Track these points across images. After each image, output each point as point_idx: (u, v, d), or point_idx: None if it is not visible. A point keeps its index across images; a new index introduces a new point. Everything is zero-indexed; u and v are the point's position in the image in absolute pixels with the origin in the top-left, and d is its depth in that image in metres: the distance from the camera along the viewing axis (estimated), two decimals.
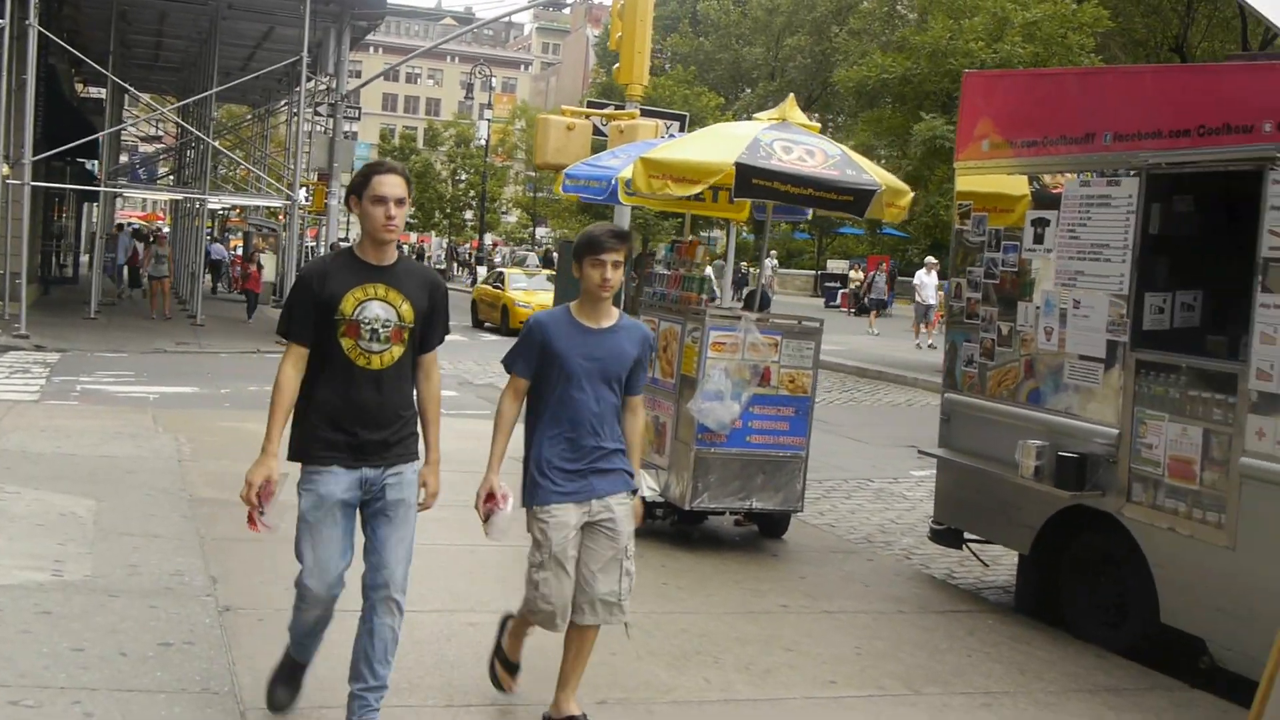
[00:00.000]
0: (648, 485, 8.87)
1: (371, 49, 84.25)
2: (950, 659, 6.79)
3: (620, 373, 5.19)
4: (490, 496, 5.13)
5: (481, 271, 57.51)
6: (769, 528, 9.39)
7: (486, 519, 5.15)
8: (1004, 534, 8.11)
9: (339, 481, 4.79)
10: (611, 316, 5.23)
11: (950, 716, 5.93)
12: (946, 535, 8.60)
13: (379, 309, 4.76)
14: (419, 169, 63.31)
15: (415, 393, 5.00)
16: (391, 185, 4.74)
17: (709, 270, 10.04)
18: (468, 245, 67.86)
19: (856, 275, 47.73)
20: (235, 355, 22.36)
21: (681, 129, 15.98)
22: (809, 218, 14.96)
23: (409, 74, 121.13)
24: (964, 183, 8.40)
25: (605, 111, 15.60)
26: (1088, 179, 7.26)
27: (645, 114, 14.97)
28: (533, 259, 50.44)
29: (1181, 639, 6.72)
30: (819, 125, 10.14)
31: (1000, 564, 9.11)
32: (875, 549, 9.82)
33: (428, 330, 4.95)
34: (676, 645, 6.59)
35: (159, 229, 48.04)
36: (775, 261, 48.36)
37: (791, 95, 9.81)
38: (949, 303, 8.56)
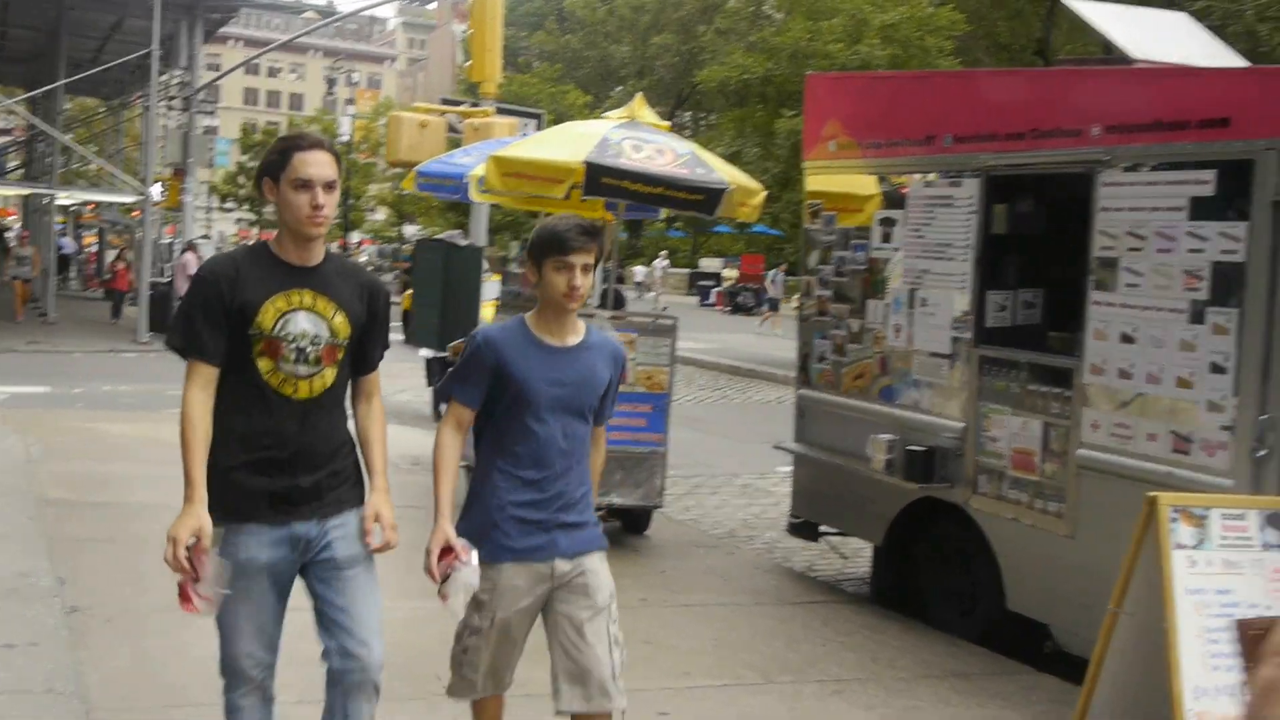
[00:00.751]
0: None
1: (230, 41, 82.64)
2: (805, 648, 6.95)
3: (592, 401, 4.23)
4: (447, 551, 4.01)
5: None
6: (631, 523, 9.49)
7: (444, 579, 4.00)
8: (858, 526, 8.32)
9: (262, 541, 3.80)
10: (578, 331, 4.26)
11: (802, 704, 6.08)
12: (804, 528, 8.79)
13: (306, 322, 3.81)
14: None
15: (351, 421, 4.07)
16: (318, 164, 3.76)
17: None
18: (334, 244, 66.99)
19: (730, 274, 48.20)
20: (90, 354, 21.87)
21: (538, 127, 16.01)
22: (661, 217, 15.12)
23: (270, 68, 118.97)
24: (813, 182, 8.58)
25: (460, 109, 15.55)
26: (931, 180, 7.49)
27: (501, 112, 14.96)
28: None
29: (1028, 625, 6.97)
30: (676, 125, 10.27)
31: (860, 556, 9.34)
32: (738, 543, 9.97)
33: (366, 345, 4.00)
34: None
35: (19, 228, 46.51)
36: (666, 262, 48.55)
37: (640, 95, 9.91)
38: (801, 300, 8.75)
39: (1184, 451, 5.94)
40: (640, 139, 8.69)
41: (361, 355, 4.01)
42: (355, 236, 67.49)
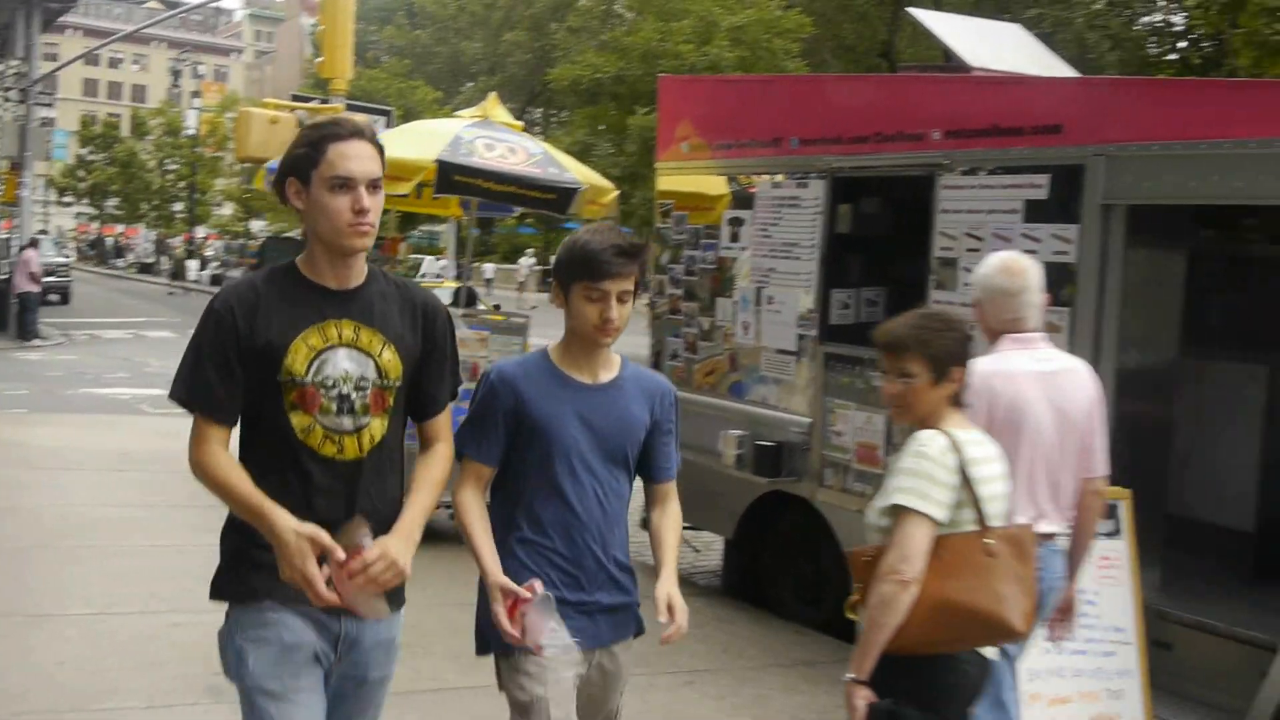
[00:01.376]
0: None
1: (69, 31, 79.98)
2: (657, 641, 7.05)
3: (629, 449, 3.54)
4: (509, 595, 3.32)
5: (193, 266, 55.51)
6: None
7: (523, 628, 3.29)
8: (710, 520, 8.46)
9: (305, 627, 3.07)
10: (611, 366, 3.57)
11: (655, 695, 6.18)
12: None
13: (347, 362, 3.05)
14: (123, 158, 60.50)
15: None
16: (360, 158, 3.02)
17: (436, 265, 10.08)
18: (179, 238, 65.31)
19: None
20: None
21: (389, 124, 15.90)
22: (514, 215, 15.14)
23: (112, 58, 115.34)
24: (665, 182, 8.70)
25: (310, 105, 15.32)
26: (779, 181, 7.66)
27: (351, 108, 14.77)
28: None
29: None
30: (528, 123, 10.32)
31: (712, 550, 9.49)
32: None
33: (426, 383, 3.23)
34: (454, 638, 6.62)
35: None
36: (533, 260, 48.33)
37: (493, 94, 9.96)
38: (652, 299, 8.86)
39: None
40: (493, 138, 8.72)
41: (421, 397, 3.23)
42: (201, 231, 65.88)
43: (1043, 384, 4.37)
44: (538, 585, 3.30)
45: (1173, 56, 23.91)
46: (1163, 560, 6.14)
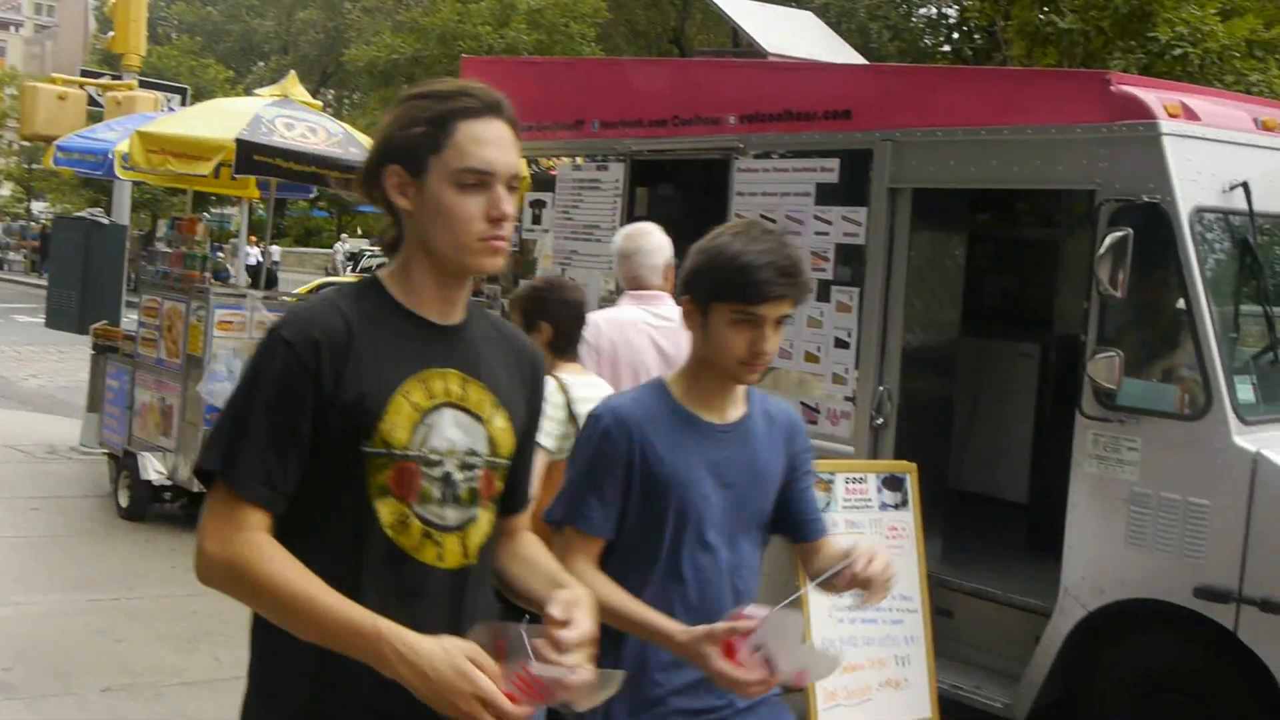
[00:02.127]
0: (154, 469, 8.63)
1: None
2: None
3: (766, 506, 2.79)
4: (723, 637, 2.43)
5: None
6: None
7: (767, 664, 2.41)
8: None
9: None
10: (738, 400, 2.79)
11: None
12: None
13: (455, 429, 2.20)
14: None
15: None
16: (501, 144, 2.19)
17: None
18: None
19: (376, 253, 47.50)
20: None
21: (183, 102, 15.44)
22: (313, 195, 14.90)
23: None
24: None
25: (101, 82, 14.78)
26: (579, 163, 7.73)
27: (144, 85, 14.30)
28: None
29: None
30: (321, 104, 10.17)
31: None
32: None
33: (520, 466, 2.39)
34: (187, 628, 6.49)
35: None
36: (348, 245, 47.05)
37: (293, 72, 9.80)
38: None
39: (812, 421, 6.38)
40: (293, 117, 8.59)
41: (515, 484, 2.38)
42: None
43: (654, 333, 4.80)
44: (751, 609, 2.46)
45: (947, 48, 24.91)
46: (944, 531, 6.42)
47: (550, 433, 3.96)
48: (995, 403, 7.56)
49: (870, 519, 5.67)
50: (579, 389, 4.13)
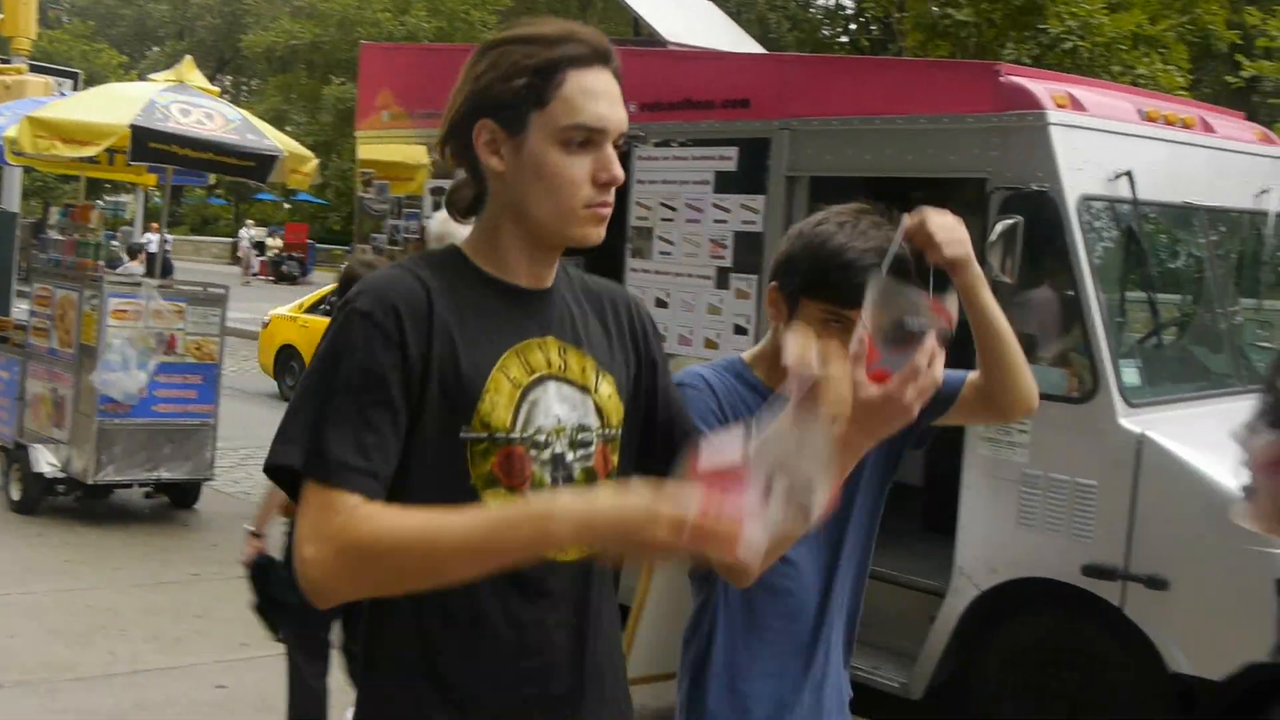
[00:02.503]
0: (47, 461, 8.47)
1: None
2: None
3: (852, 510, 2.48)
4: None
5: None
6: (180, 497, 9.21)
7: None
8: None
9: None
10: None
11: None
12: None
13: (561, 404, 1.93)
14: None
15: None
16: (612, 98, 1.89)
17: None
18: None
19: (275, 242, 46.89)
20: None
21: (75, 87, 15.11)
22: (210, 182, 14.69)
23: None
24: (366, 151, 8.61)
25: None
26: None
27: (34, 70, 13.98)
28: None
29: None
30: (219, 89, 10.02)
31: None
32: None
33: (666, 411, 2.11)
34: (81, 622, 6.38)
35: None
36: (254, 232, 46.21)
37: (189, 57, 9.65)
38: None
39: None
40: (189, 103, 8.46)
41: (673, 435, 2.08)
42: None
43: None
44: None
45: (845, 39, 25.27)
46: None
47: None
48: None
49: None
50: None
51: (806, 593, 2.45)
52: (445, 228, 5.28)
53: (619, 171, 1.88)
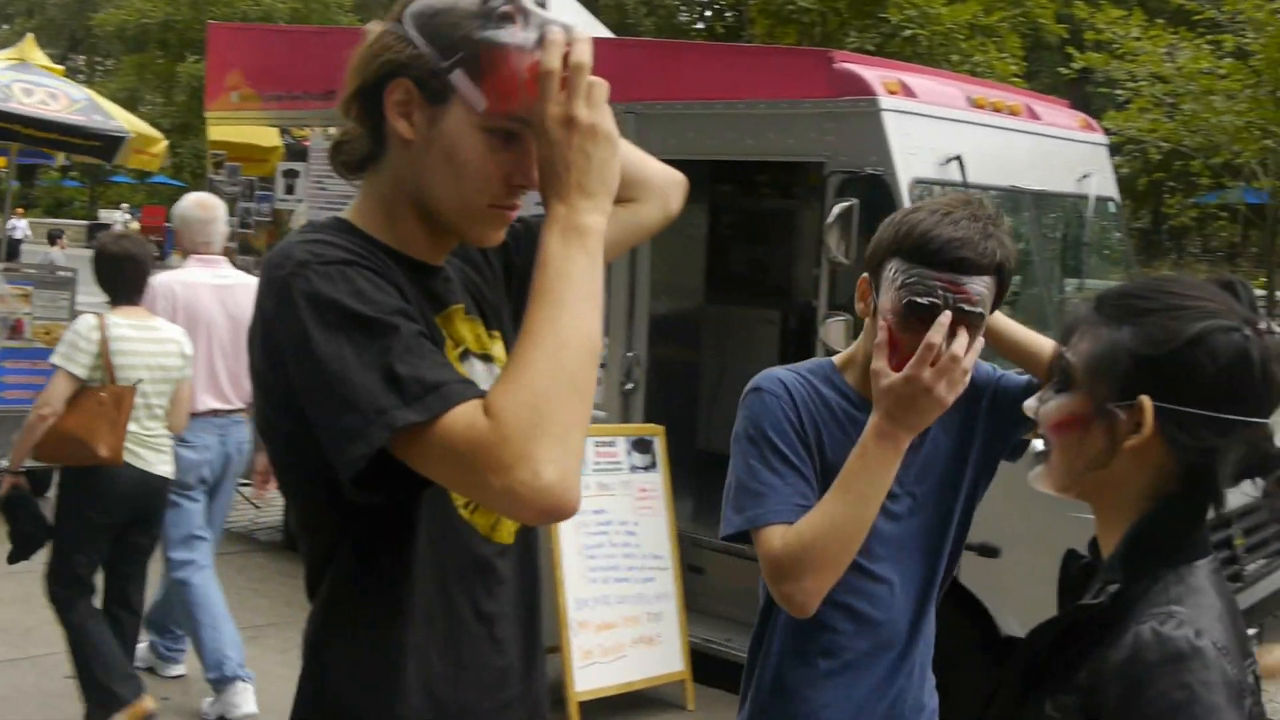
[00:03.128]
0: None
1: None
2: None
3: (950, 527, 2.40)
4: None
5: None
6: (34, 485, 9.00)
7: None
8: None
9: None
10: None
11: None
12: None
13: (484, 379, 1.78)
14: None
15: None
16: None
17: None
18: None
19: (134, 225, 45.69)
20: None
21: None
22: (56, 164, 14.34)
23: None
24: (216, 132, 8.51)
25: None
26: (331, 133, 7.66)
27: None
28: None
29: None
30: (67, 70, 9.82)
31: (273, 505, 9.41)
32: None
33: None
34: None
35: None
36: (128, 216, 44.63)
37: (30, 35, 9.42)
38: None
39: None
40: (32, 82, 8.29)
41: None
42: None
43: (219, 294, 5.49)
44: None
45: (701, 25, 25.56)
46: (695, 491, 6.67)
47: (82, 363, 4.77)
48: (740, 367, 7.84)
49: (621, 481, 5.85)
50: (122, 329, 4.87)
51: (897, 618, 2.32)
52: (207, 213, 5.60)
53: (535, 175, 1.67)
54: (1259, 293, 19.55)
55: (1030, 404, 1.68)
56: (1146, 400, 1.53)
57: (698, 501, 6.69)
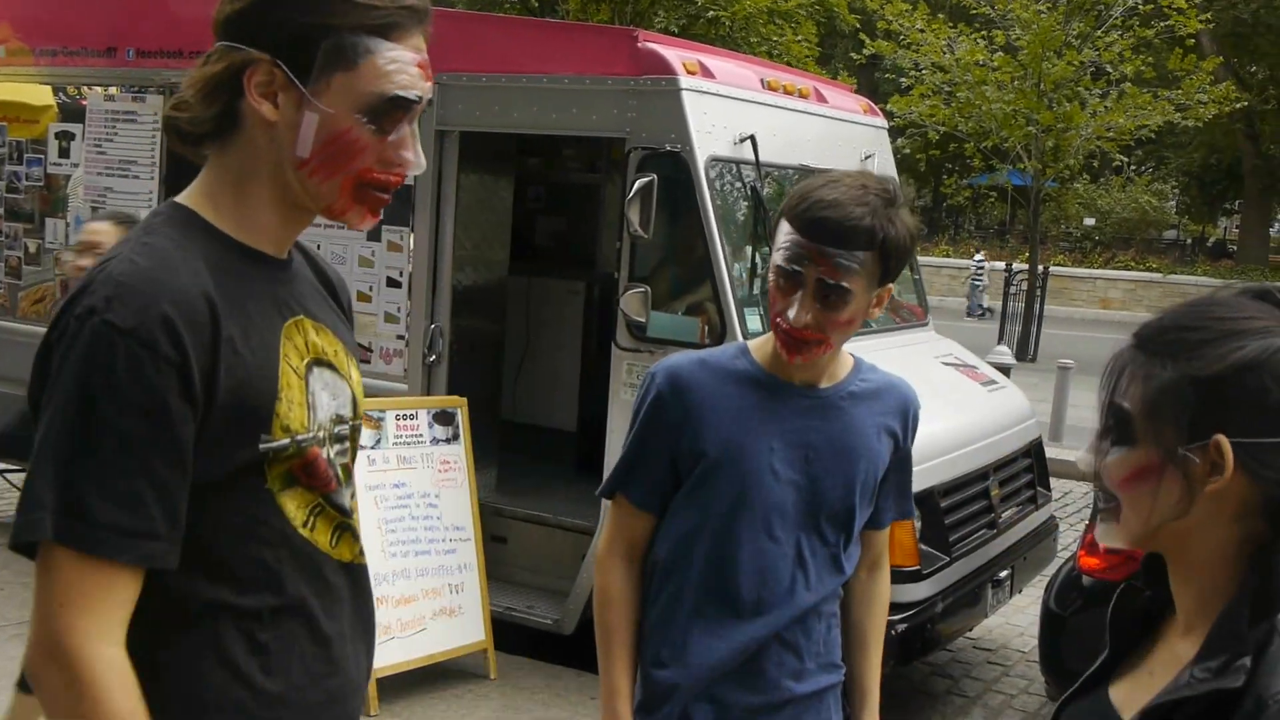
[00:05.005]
0: None
1: None
2: None
3: (852, 500, 2.40)
4: None
5: None
6: None
7: None
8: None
9: None
10: (841, 366, 2.44)
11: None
12: None
13: (323, 389, 1.73)
14: None
15: None
16: (425, 66, 1.75)
17: None
18: None
19: None
20: None
21: None
22: None
23: None
24: None
25: None
26: (113, 94, 7.37)
27: None
28: None
29: None
30: None
31: None
32: None
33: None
34: None
35: None
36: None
37: None
38: None
39: (366, 361, 6.45)
40: None
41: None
42: None
43: None
44: None
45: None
46: (499, 462, 6.70)
47: None
48: (546, 338, 7.90)
49: (422, 454, 5.82)
50: None
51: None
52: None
53: (411, 156, 1.69)
54: (1022, 268, 20.63)
55: (1084, 458, 1.52)
56: (1223, 439, 1.38)
57: (503, 471, 6.72)
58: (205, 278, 1.57)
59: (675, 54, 5.76)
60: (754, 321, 5.62)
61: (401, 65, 1.65)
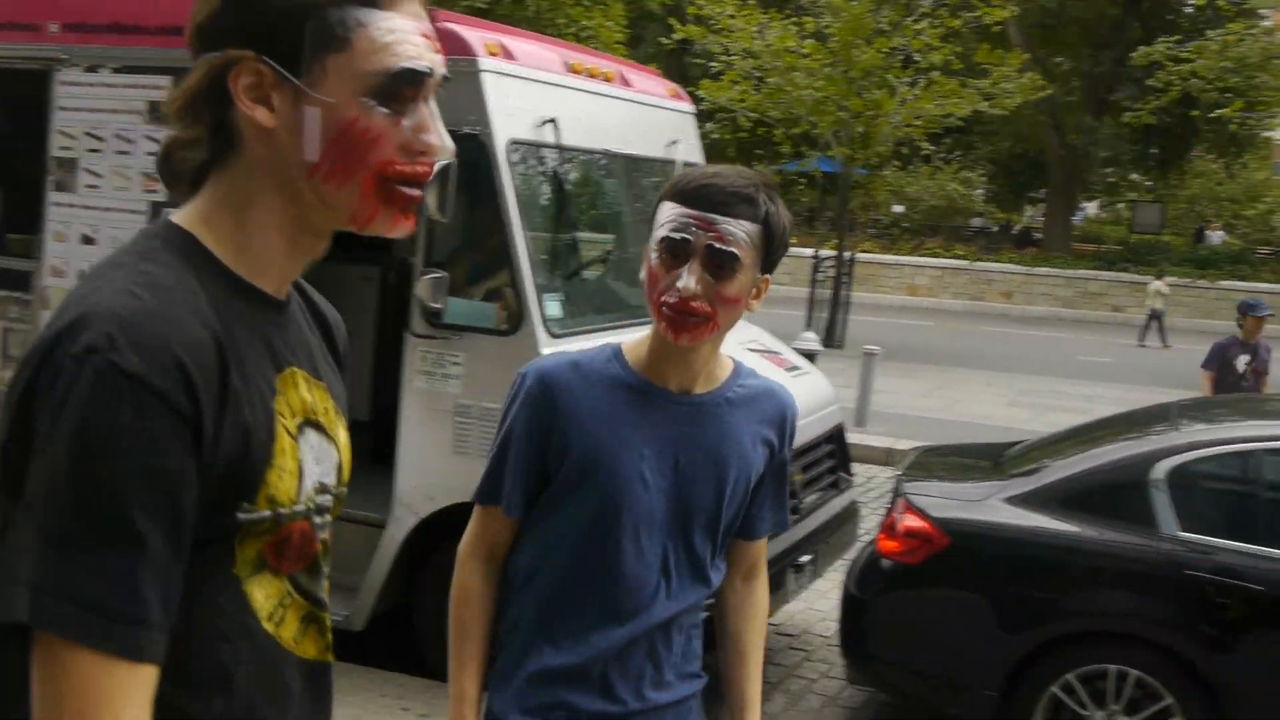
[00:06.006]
0: None
1: None
2: None
3: (720, 505, 2.32)
4: None
5: None
6: None
7: None
8: None
9: None
10: (720, 368, 2.36)
11: None
12: None
13: (310, 453, 1.48)
14: None
15: None
16: (431, 40, 1.48)
17: None
18: None
19: None
20: None
21: None
22: None
23: None
24: None
25: None
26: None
27: None
28: None
29: None
30: None
31: None
32: None
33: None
34: None
35: None
36: None
37: None
38: None
39: None
40: None
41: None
42: None
43: None
44: None
45: None
46: None
47: None
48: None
49: None
50: None
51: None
52: None
53: (435, 136, 1.46)
54: (829, 254, 21.05)
55: None
56: None
57: None
58: (211, 318, 1.34)
59: (476, 35, 5.67)
60: (553, 307, 5.58)
61: (402, 34, 1.40)
